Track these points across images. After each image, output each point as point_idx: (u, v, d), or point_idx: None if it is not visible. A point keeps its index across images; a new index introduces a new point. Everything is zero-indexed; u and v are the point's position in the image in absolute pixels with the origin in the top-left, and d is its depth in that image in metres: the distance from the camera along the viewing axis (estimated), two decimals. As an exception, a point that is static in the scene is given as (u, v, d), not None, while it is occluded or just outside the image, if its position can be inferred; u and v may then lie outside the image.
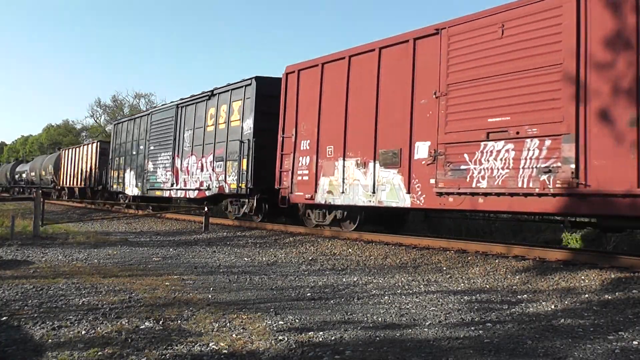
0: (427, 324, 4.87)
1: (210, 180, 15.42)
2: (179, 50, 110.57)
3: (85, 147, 28.70)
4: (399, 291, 6.48)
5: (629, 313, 5.26)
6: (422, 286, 6.84)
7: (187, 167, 16.79)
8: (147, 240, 12.15)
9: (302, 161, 11.97)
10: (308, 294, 6.23)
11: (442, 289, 6.62)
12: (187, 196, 17.06)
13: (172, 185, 17.65)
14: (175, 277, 7.23)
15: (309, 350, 4.01)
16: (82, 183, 27.97)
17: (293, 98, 12.33)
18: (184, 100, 17.58)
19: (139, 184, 20.35)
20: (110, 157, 24.08)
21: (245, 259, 9.33)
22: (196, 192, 16.28)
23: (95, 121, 56.70)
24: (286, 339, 4.27)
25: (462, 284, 6.96)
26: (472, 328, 4.71)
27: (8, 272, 7.35)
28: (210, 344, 4.12)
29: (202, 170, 15.89)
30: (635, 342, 4.27)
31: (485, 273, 7.59)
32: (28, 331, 4.45)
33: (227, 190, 14.58)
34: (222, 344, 4.12)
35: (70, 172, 30.17)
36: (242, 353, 3.94)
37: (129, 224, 16.66)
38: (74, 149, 30.70)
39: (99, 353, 3.89)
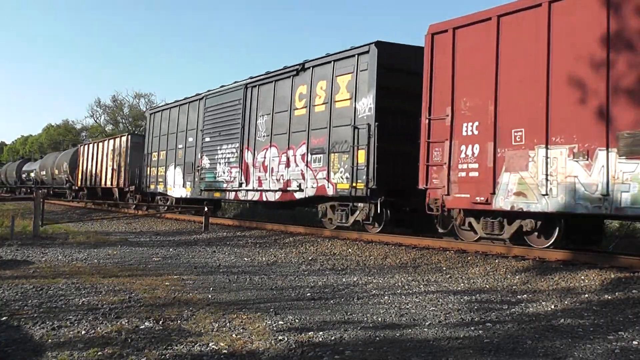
0: (427, 324, 4.87)
1: (303, 178, 12.20)
2: (179, 50, 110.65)
3: (112, 141, 24.89)
4: (398, 291, 6.49)
5: (629, 313, 5.27)
6: (422, 286, 6.85)
7: (263, 162, 13.57)
8: (147, 240, 12.15)
9: (465, 151, 8.88)
10: (308, 294, 6.23)
11: (442, 289, 6.62)
12: (265, 199, 13.63)
13: (240, 184, 14.37)
14: (175, 277, 7.23)
15: (308, 350, 4.01)
16: (108, 183, 24.55)
17: (445, 65, 9.26)
18: (255, 79, 14.27)
19: (188, 183, 17.16)
20: (145, 151, 20.61)
21: (245, 259, 9.33)
22: (279, 193, 13.00)
23: (95, 121, 56.73)
24: (286, 339, 4.27)
25: (462, 284, 6.97)
26: (472, 328, 4.71)
27: (8, 272, 7.36)
28: (210, 344, 4.12)
29: (287, 165, 12.70)
30: (635, 342, 4.27)
31: (485, 273, 7.59)
32: (28, 331, 4.45)
33: (331, 192, 11.41)
34: (222, 344, 4.12)
35: (92, 170, 26.77)
36: (242, 353, 3.94)
37: (129, 224, 16.66)
38: (96, 144, 27.01)
39: (99, 353, 3.89)
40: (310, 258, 9.36)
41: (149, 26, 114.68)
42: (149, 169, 20.20)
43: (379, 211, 10.53)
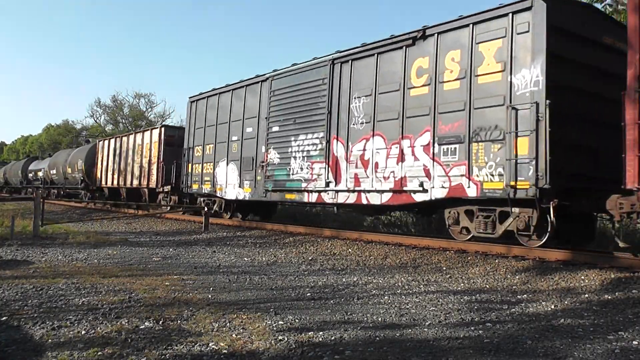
0: (427, 324, 4.87)
1: (427, 175, 9.48)
2: (179, 50, 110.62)
3: (140, 135, 22.07)
4: (398, 291, 6.49)
5: (629, 313, 5.27)
6: (422, 286, 6.85)
7: (362, 155, 10.84)
8: (147, 240, 12.15)
9: None
10: (308, 294, 6.23)
11: (442, 289, 6.62)
12: (364, 201, 10.82)
13: (327, 184, 11.59)
14: (175, 277, 7.23)
15: (308, 350, 4.01)
16: (135, 182, 21.79)
17: None
18: (346, 52, 11.48)
19: (247, 182, 14.23)
20: (185, 146, 17.68)
21: (245, 259, 9.33)
22: (388, 195, 10.23)
23: (95, 121, 56.78)
24: (286, 339, 4.27)
25: (462, 284, 6.97)
26: (472, 328, 4.71)
27: (8, 272, 7.36)
28: (210, 344, 4.12)
29: (401, 159, 9.95)
30: (635, 342, 4.27)
31: (485, 273, 7.59)
32: (28, 331, 4.45)
33: (473, 193, 8.75)
34: (222, 344, 4.12)
35: (113, 168, 24.01)
36: (242, 353, 3.94)
37: (128, 224, 16.67)
38: (119, 139, 24.07)
39: (99, 353, 3.89)
40: (310, 258, 9.37)
41: (149, 26, 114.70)
42: (190, 166, 17.25)
43: (550, 218, 7.98)
